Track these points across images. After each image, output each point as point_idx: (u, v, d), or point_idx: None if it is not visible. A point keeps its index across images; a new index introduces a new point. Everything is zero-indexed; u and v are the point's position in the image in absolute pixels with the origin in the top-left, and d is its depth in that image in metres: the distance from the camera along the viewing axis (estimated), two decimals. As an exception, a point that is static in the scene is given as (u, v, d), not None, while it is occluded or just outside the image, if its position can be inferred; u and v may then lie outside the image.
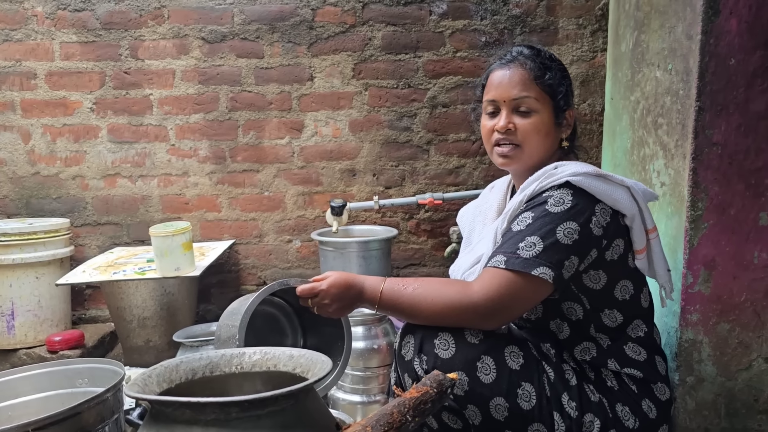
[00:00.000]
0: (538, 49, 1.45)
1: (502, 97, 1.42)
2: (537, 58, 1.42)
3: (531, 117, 1.40)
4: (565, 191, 1.28)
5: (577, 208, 1.27)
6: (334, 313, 1.40)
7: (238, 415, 0.97)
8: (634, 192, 1.33)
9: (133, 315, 2.47)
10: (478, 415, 1.27)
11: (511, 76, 1.41)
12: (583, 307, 1.36)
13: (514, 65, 1.42)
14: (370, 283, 1.36)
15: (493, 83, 1.44)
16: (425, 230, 2.96)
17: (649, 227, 1.36)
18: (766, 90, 1.49)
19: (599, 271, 1.33)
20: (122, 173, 2.91)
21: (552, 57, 1.46)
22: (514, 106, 1.41)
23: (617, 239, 1.33)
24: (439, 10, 2.81)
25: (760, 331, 1.59)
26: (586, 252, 1.28)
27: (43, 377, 1.64)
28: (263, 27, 2.82)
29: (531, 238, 1.25)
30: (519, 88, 1.40)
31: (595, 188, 1.28)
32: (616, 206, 1.30)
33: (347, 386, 1.92)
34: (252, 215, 2.96)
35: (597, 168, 1.32)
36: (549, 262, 1.23)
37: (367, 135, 2.90)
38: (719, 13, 1.48)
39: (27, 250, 2.52)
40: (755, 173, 1.53)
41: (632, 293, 1.37)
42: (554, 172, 1.32)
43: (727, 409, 1.63)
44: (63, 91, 2.85)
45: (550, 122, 1.42)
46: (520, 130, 1.41)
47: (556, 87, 1.41)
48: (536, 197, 1.32)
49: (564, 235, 1.25)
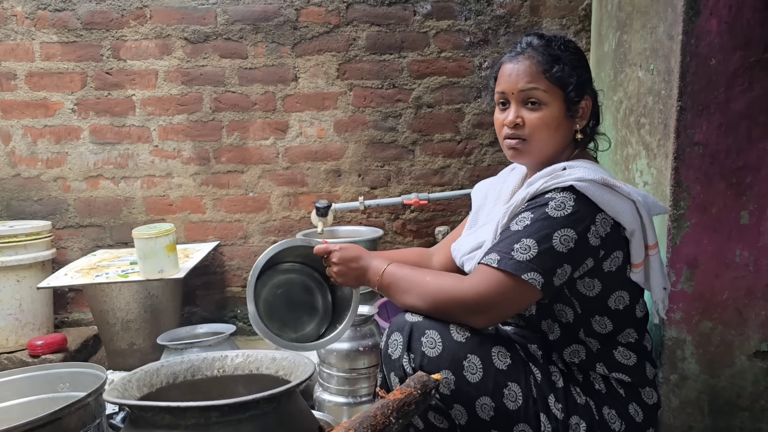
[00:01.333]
0: (548, 38, 1.41)
1: (510, 90, 1.39)
2: (547, 49, 1.38)
3: (540, 110, 1.37)
4: (568, 195, 1.26)
5: (576, 216, 1.24)
6: (342, 283, 1.49)
7: (219, 420, 0.96)
8: (640, 206, 1.30)
9: (117, 318, 2.44)
10: (464, 415, 1.26)
11: (519, 69, 1.38)
12: (575, 311, 1.35)
13: (522, 57, 1.39)
14: (375, 265, 1.42)
15: (503, 75, 1.42)
16: (411, 230, 2.96)
17: (650, 243, 1.33)
18: (746, 90, 1.50)
19: (594, 280, 1.32)
20: (105, 175, 2.89)
21: (565, 46, 1.40)
22: (522, 99, 1.38)
23: (617, 251, 1.31)
24: (424, 10, 2.81)
25: (742, 329, 1.60)
26: (580, 261, 1.27)
27: (23, 382, 1.62)
28: (247, 27, 2.80)
29: (527, 240, 1.24)
30: (526, 80, 1.37)
31: (599, 197, 1.25)
32: (617, 218, 1.27)
33: (333, 388, 1.91)
34: (237, 216, 2.94)
35: (606, 175, 1.29)
36: (541, 268, 1.22)
37: (352, 135, 2.89)
38: (700, 13, 1.49)
39: (7, 253, 2.48)
40: (736, 172, 1.54)
41: (627, 304, 1.36)
42: (561, 174, 1.30)
43: (710, 407, 1.64)
44: (44, 92, 2.82)
45: (560, 115, 1.38)
46: (529, 125, 1.37)
47: (566, 78, 1.37)
48: (539, 197, 1.30)
49: (560, 242, 1.23)
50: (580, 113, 1.41)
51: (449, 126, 2.89)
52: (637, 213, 1.30)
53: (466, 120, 2.88)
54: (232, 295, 2.99)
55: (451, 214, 2.94)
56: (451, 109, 2.88)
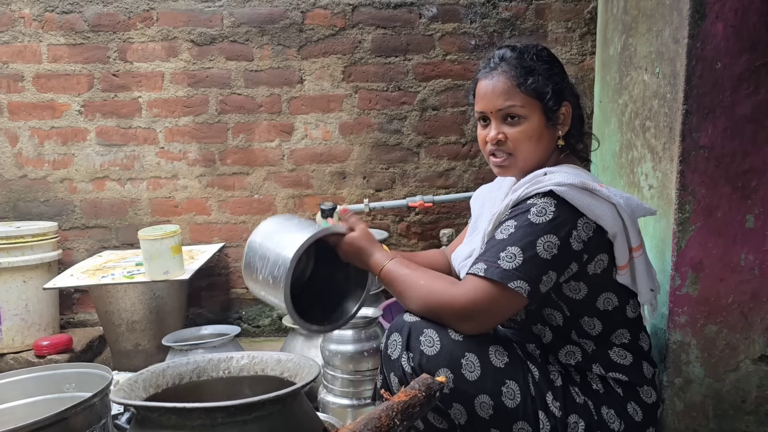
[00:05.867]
0: (521, 50, 1.43)
1: (488, 109, 1.42)
2: (520, 62, 1.40)
3: (520, 124, 1.39)
4: (549, 201, 1.27)
5: (558, 221, 1.25)
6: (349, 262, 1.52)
7: (225, 421, 0.96)
8: (621, 209, 1.30)
9: (122, 319, 2.45)
10: (463, 414, 1.27)
11: (494, 87, 1.40)
12: (563, 314, 1.36)
13: (496, 73, 1.41)
14: (377, 258, 1.43)
15: (480, 94, 1.44)
16: (416, 233, 2.96)
17: (634, 245, 1.34)
18: (752, 93, 1.50)
19: (580, 283, 1.33)
20: (111, 176, 2.90)
21: (538, 56, 1.42)
22: (502, 116, 1.41)
23: (600, 254, 1.32)
24: (429, 13, 2.82)
25: (747, 333, 1.60)
26: (564, 266, 1.28)
27: (29, 382, 1.62)
28: (253, 29, 2.81)
29: (512, 248, 1.25)
30: (503, 98, 1.39)
31: (579, 201, 1.26)
32: (598, 221, 1.28)
33: (337, 390, 1.91)
34: (242, 218, 2.95)
35: (586, 179, 1.30)
36: (527, 276, 1.23)
37: (357, 138, 2.90)
38: (705, 17, 1.49)
39: (14, 253, 2.50)
40: (742, 176, 1.53)
41: (616, 305, 1.37)
42: (541, 179, 1.32)
43: (714, 411, 1.64)
44: (51, 94, 2.83)
45: (541, 126, 1.40)
46: (511, 139, 1.40)
47: (541, 89, 1.39)
48: (521, 203, 1.31)
49: (544, 249, 1.24)
50: (561, 120, 1.44)
51: (454, 129, 2.90)
52: (618, 216, 1.30)
53: (471, 123, 2.88)
54: (236, 297, 3.00)
55: (455, 216, 2.94)
56: (456, 112, 2.88)
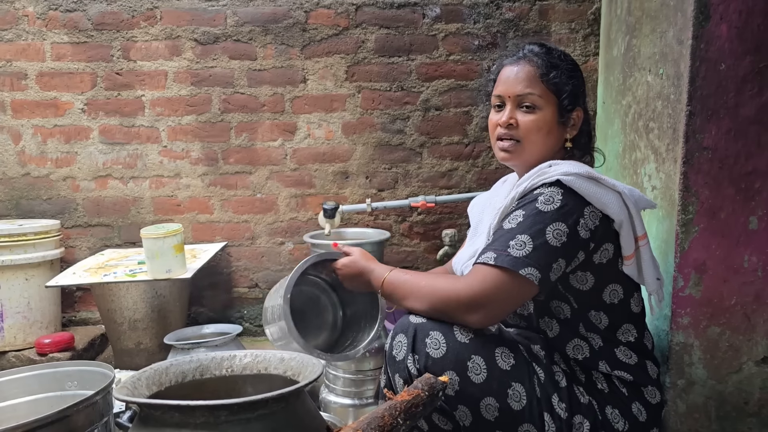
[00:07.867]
0: (549, 48, 1.48)
1: (507, 93, 1.45)
2: (546, 57, 1.45)
3: (534, 114, 1.42)
4: (556, 190, 1.29)
5: (566, 209, 1.27)
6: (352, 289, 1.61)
7: (228, 419, 0.96)
8: (626, 198, 1.33)
9: (124, 317, 2.45)
10: (468, 416, 1.27)
11: (518, 73, 1.44)
12: (571, 306, 1.37)
13: (523, 62, 1.45)
14: (377, 273, 1.48)
15: (501, 79, 1.48)
16: (418, 233, 2.96)
17: (639, 234, 1.36)
18: (756, 95, 1.50)
19: (587, 273, 1.34)
20: (113, 174, 2.90)
21: (564, 57, 1.48)
22: (518, 102, 1.44)
23: (606, 243, 1.33)
24: (433, 13, 2.82)
25: (750, 335, 1.60)
26: (573, 254, 1.29)
27: (31, 380, 1.62)
28: (256, 29, 2.82)
29: (521, 236, 1.27)
30: (524, 85, 1.43)
31: (585, 190, 1.29)
32: (604, 210, 1.30)
33: (339, 389, 1.91)
34: (244, 217, 2.95)
35: (591, 170, 1.33)
36: (537, 264, 1.24)
37: (360, 137, 2.90)
38: (710, 18, 1.49)
39: (17, 251, 2.50)
40: (745, 177, 1.53)
41: (621, 297, 1.38)
42: (547, 170, 1.34)
43: (717, 412, 1.64)
44: (54, 92, 2.84)
45: (552, 120, 1.43)
46: (522, 126, 1.43)
47: (561, 86, 1.43)
48: (528, 194, 1.34)
49: (553, 236, 1.26)
50: (571, 123, 1.47)
51: (457, 129, 2.90)
52: (623, 204, 1.33)
53: (474, 123, 2.88)
54: (238, 296, 3.00)
55: (458, 216, 2.94)
56: (459, 112, 2.88)
